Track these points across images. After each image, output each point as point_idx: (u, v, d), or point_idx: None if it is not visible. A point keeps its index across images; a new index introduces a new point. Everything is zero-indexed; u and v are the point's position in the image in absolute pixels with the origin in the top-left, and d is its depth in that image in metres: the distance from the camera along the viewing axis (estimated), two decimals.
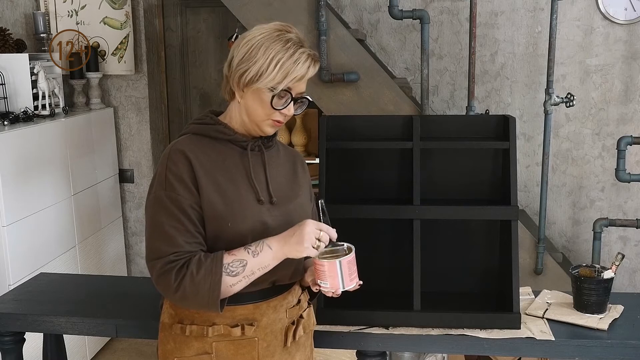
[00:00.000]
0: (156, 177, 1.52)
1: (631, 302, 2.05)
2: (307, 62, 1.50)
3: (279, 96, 1.51)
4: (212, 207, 1.48)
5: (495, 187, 2.08)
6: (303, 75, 1.50)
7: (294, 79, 1.49)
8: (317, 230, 1.46)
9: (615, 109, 3.62)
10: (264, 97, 1.50)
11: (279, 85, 1.49)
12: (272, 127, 1.56)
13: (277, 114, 1.53)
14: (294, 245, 1.46)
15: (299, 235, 1.46)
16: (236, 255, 1.46)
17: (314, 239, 1.45)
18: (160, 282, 1.46)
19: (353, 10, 3.73)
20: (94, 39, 3.96)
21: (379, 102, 3.06)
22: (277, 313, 1.59)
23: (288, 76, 1.48)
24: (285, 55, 1.48)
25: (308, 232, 1.45)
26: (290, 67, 1.48)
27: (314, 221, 1.49)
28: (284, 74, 1.48)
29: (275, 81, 1.48)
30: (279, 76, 1.48)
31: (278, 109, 1.51)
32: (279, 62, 1.48)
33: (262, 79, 1.48)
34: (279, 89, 1.49)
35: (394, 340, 1.90)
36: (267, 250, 1.47)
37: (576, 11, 3.55)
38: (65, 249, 3.46)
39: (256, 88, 1.50)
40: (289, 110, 1.53)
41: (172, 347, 1.58)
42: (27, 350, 2.16)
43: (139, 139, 4.11)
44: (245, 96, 1.53)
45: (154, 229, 1.48)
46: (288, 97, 1.52)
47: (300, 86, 1.53)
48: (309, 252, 1.46)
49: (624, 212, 3.68)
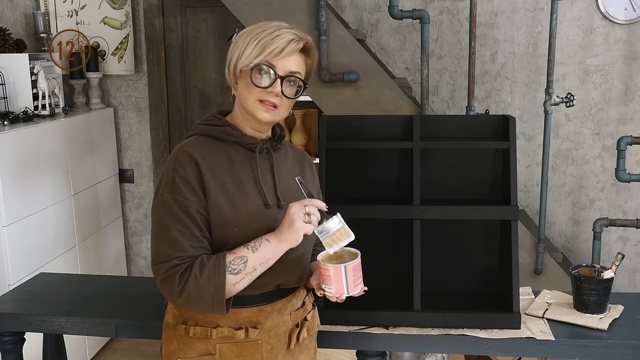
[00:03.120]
0: (163, 178, 1.50)
1: (631, 302, 2.05)
2: (288, 37, 1.48)
3: (257, 71, 1.47)
4: (219, 212, 1.47)
5: (495, 187, 2.08)
6: (282, 47, 1.47)
7: (272, 51, 1.46)
8: (302, 207, 1.45)
9: (615, 109, 3.62)
10: (248, 79, 1.49)
11: (256, 60, 1.47)
12: (265, 111, 1.50)
13: (264, 94, 1.48)
14: (287, 230, 1.44)
15: (288, 219, 1.45)
16: (237, 253, 1.46)
17: (302, 215, 1.44)
18: (164, 286, 1.46)
19: (353, 10, 3.73)
20: (94, 39, 3.96)
21: (379, 102, 3.06)
22: (282, 316, 1.59)
23: (265, 49, 1.46)
24: (264, 33, 1.48)
25: (294, 212, 1.44)
26: (268, 41, 1.47)
27: (297, 202, 1.47)
28: (260, 48, 1.47)
29: (252, 56, 1.47)
30: (256, 50, 1.47)
31: (261, 87, 1.48)
32: (257, 38, 1.48)
33: (241, 59, 1.48)
34: (255, 62, 1.47)
35: (394, 340, 1.91)
36: (266, 243, 1.47)
37: (576, 11, 3.55)
38: (65, 249, 3.46)
39: (240, 71, 1.49)
40: (275, 88, 1.48)
41: (175, 347, 1.57)
42: (27, 350, 2.15)
43: (139, 139, 4.11)
44: (237, 87, 1.53)
45: (159, 233, 1.48)
46: (272, 73, 1.48)
47: (285, 63, 1.49)
48: (304, 229, 1.43)
49: (624, 212, 3.69)
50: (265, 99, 1.49)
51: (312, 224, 1.44)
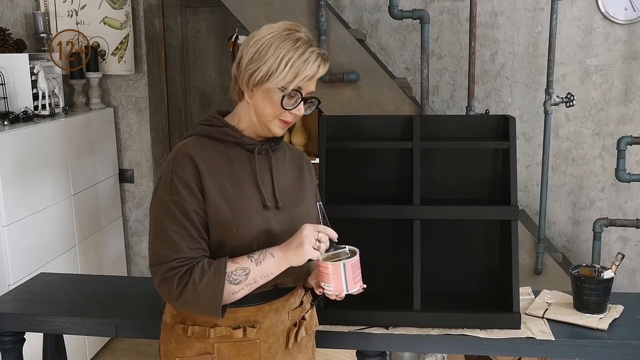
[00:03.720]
0: (162, 179, 1.50)
1: (631, 302, 2.05)
2: (317, 62, 1.49)
3: (289, 96, 1.49)
4: (218, 213, 1.48)
5: (495, 187, 2.08)
6: (313, 74, 1.49)
7: (304, 78, 1.48)
8: (315, 232, 1.46)
9: (615, 109, 3.62)
10: (273, 97, 1.49)
11: (290, 85, 1.47)
12: (280, 128, 1.54)
13: (286, 114, 1.51)
14: (294, 250, 1.46)
15: (298, 239, 1.46)
16: (239, 264, 1.46)
17: (314, 240, 1.45)
18: (162, 288, 1.46)
19: (353, 10, 3.73)
20: (94, 39, 3.96)
21: (379, 102, 3.06)
22: (279, 315, 1.59)
23: (298, 76, 1.47)
24: (295, 54, 1.47)
25: (306, 235, 1.45)
26: (301, 66, 1.47)
27: (312, 224, 1.48)
28: (294, 73, 1.47)
29: (285, 81, 1.47)
30: (290, 76, 1.46)
31: (288, 109, 1.50)
32: (289, 61, 1.46)
33: (272, 79, 1.47)
34: (289, 88, 1.47)
35: (394, 340, 1.90)
36: (270, 258, 1.47)
37: (576, 11, 3.55)
38: (65, 249, 3.46)
39: (266, 88, 1.48)
40: (299, 111, 1.52)
41: (173, 347, 1.58)
42: (27, 350, 2.15)
43: (139, 139, 4.11)
44: (254, 96, 1.52)
45: (157, 234, 1.48)
46: (298, 97, 1.50)
47: (310, 86, 1.52)
48: (310, 254, 1.45)
49: (624, 212, 3.69)
50: (286, 120, 1.52)
51: (319, 252, 1.46)
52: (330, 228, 1.50)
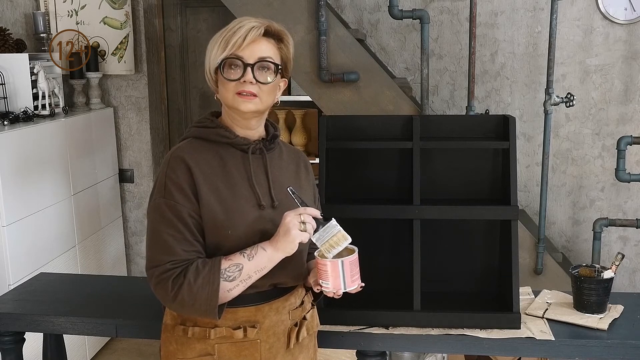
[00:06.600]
0: (157, 183, 1.52)
1: (631, 302, 2.05)
2: (247, 26, 1.50)
3: (226, 65, 1.50)
4: (212, 216, 1.48)
5: (495, 187, 2.08)
6: (243, 37, 1.49)
7: (234, 43, 1.49)
8: (297, 216, 1.46)
9: (615, 109, 3.62)
10: (221, 77, 1.52)
11: (222, 55, 1.50)
12: (245, 102, 1.50)
13: (239, 85, 1.50)
14: (283, 238, 1.46)
15: (284, 227, 1.47)
16: (232, 260, 1.47)
17: (298, 224, 1.45)
18: (157, 291, 1.47)
19: (353, 10, 3.73)
20: (94, 38, 3.96)
21: (379, 102, 3.05)
22: (280, 315, 1.59)
23: (228, 43, 1.49)
24: (226, 31, 1.52)
25: (290, 221, 1.46)
26: (230, 36, 1.50)
27: (292, 210, 1.49)
28: (224, 44, 1.50)
29: (218, 54, 1.50)
30: (221, 48, 1.50)
31: (232, 79, 1.50)
32: (219, 38, 1.52)
33: (211, 61, 1.52)
34: (221, 58, 1.50)
35: (394, 340, 1.91)
36: (262, 252, 1.48)
37: (576, 11, 3.55)
38: (65, 249, 3.46)
39: (215, 72, 1.52)
40: (247, 77, 1.49)
41: (174, 348, 1.58)
42: (27, 350, 2.15)
43: (139, 139, 4.11)
44: (218, 90, 1.55)
45: (152, 237, 1.49)
46: (240, 64, 1.49)
47: (252, 51, 1.50)
48: (299, 238, 1.46)
49: (624, 212, 3.69)
50: (242, 90, 1.50)
51: (307, 232, 1.46)
52: (310, 207, 1.50)
